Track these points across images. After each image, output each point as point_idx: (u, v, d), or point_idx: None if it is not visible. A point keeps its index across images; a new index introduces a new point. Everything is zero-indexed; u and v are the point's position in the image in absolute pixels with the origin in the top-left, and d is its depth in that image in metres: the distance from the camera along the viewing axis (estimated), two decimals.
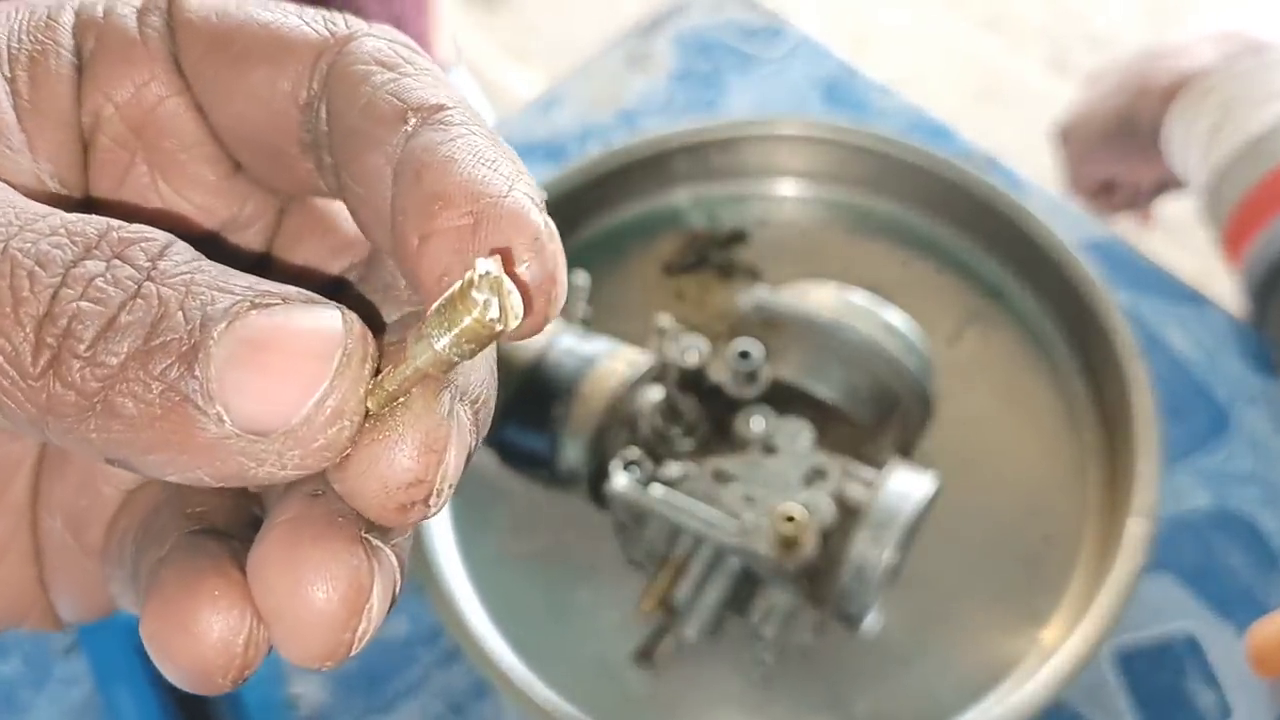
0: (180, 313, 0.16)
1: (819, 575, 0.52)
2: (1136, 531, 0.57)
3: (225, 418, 0.16)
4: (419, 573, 0.57)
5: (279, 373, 0.16)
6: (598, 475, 0.55)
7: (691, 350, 0.55)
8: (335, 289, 0.23)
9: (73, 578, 0.22)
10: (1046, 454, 0.63)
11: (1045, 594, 0.59)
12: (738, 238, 0.71)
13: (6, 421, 0.17)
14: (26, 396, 0.16)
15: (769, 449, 0.54)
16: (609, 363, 0.56)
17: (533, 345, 0.56)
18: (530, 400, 0.55)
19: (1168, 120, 0.69)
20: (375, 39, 0.20)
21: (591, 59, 0.80)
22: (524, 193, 0.18)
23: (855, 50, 0.78)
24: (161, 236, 0.17)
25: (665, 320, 0.58)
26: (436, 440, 0.18)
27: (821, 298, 0.56)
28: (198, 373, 0.16)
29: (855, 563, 0.50)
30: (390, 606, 0.19)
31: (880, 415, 0.56)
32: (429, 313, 0.17)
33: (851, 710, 0.57)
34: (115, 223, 0.17)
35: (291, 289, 0.17)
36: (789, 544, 0.50)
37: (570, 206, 0.70)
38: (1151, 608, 0.60)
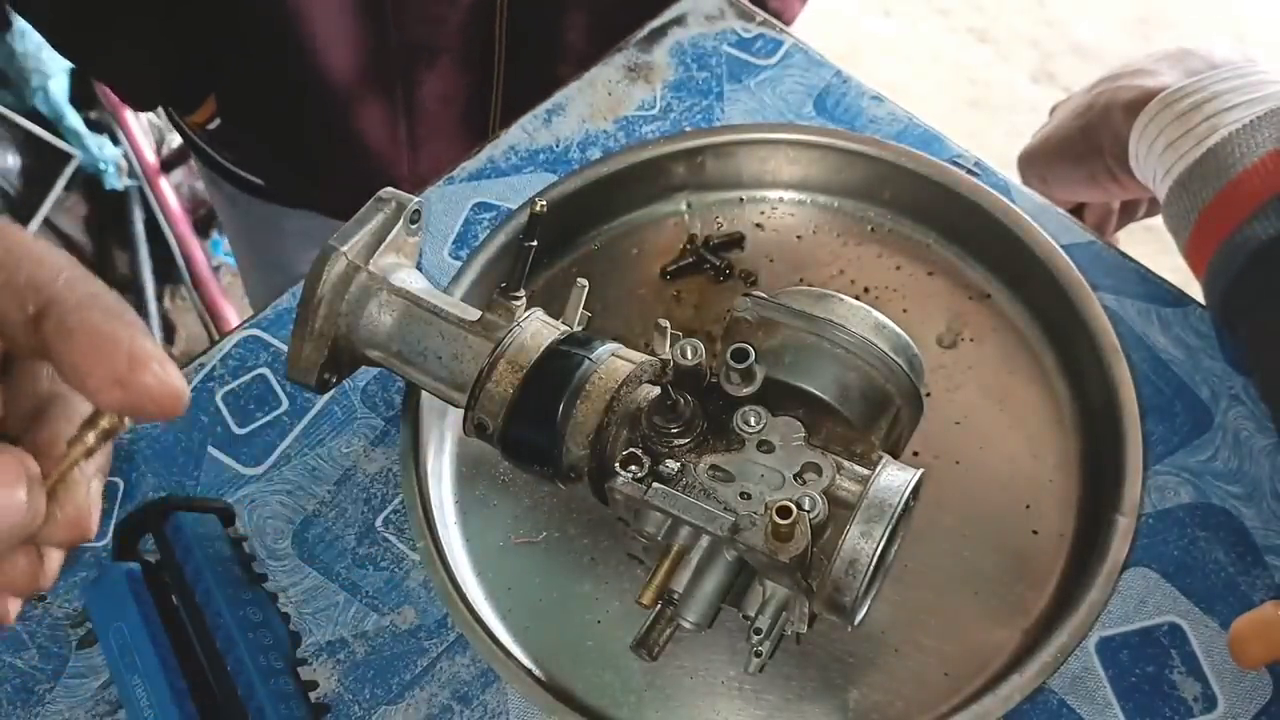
0: None
1: (812, 568, 0.53)
2: (1121, 527, 0.58)
3: None
4: (426, 565, 0.59)
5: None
6: (599, 471, 0.56)
7: (689, 350, 0.56)
8: None
9: None
10: (1034, 452, 0.65)
11: (1032, 587, 0.61)
12: (734, 242, 0.73)
13: None
14: None
15: (764, 446, 0.55)
16: (610, 362, 0.57)
17: (536, 347, 0.57)
18: (533, 399, 0.56)
19: (1132, 136, 0.70)
20: None
21: (592, 69, 0.82)
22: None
23: (848, 59, 0.80)
24: None
25: (664, 320, 0.60)
26: (91, 504, 0.36)
27: (815, 299, 0.58)
28: None
29: (847, 556, 0.52)
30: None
31: (872, 414, 0.57)
32: (82, 426, 0.35)
33: (844, 698, 0.58)
34: None
35: None
36: (783, 538, 0.51)
37: (571, 211, 0.71)
38: (1136, 602, 0.61)
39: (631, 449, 0.55)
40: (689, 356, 0.56)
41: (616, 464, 0.55)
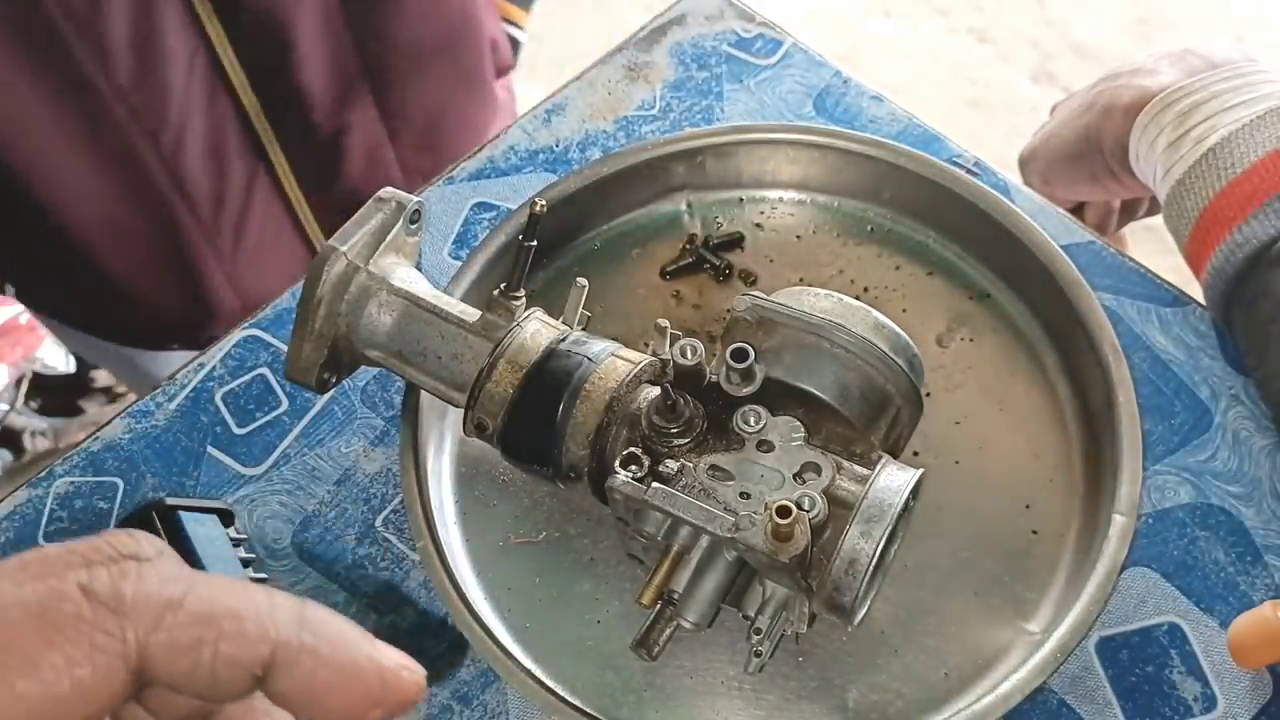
0: None
1: (812, 568, 0.53)
2: (1120, 527, 0.58)
3: None
4: (426, 565, 0.59)
5: None
6: (599, 472, 0.56)
7: (689, 350, 0.56)
8: None
9: None
10: (1033, 452, 0.65)
11: (1032, 587, 0.61)
12: (734, 242, 0.73)
13: None
14: None
15: (764, 446, 0.55)
16: (609, 362, 0.57)
17: (536, 347, 0.57)
18: (533, 399, 0.56)
19: (1132, 136, 0.70)
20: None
21: (592, 69, 0.82)
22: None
23: (848, 60, 0.80)
24: None
25: (664, 320, 0.60)
26: None
27: (815, 299, 0.58)
28: None
29: (847, 556, 0.52)
30: None
31: (872, 414, 0.57)
32: None
33: (843, 698, 0.58)
34: None
35: None
36: (783, 538, 0.51)
37: (571, 211, 0.72)
38: (1136, 601, 0.61)
39: (631, 449, 0.55)
40: (689, 356, 0.56)
41: (616, 464, 0.55)
